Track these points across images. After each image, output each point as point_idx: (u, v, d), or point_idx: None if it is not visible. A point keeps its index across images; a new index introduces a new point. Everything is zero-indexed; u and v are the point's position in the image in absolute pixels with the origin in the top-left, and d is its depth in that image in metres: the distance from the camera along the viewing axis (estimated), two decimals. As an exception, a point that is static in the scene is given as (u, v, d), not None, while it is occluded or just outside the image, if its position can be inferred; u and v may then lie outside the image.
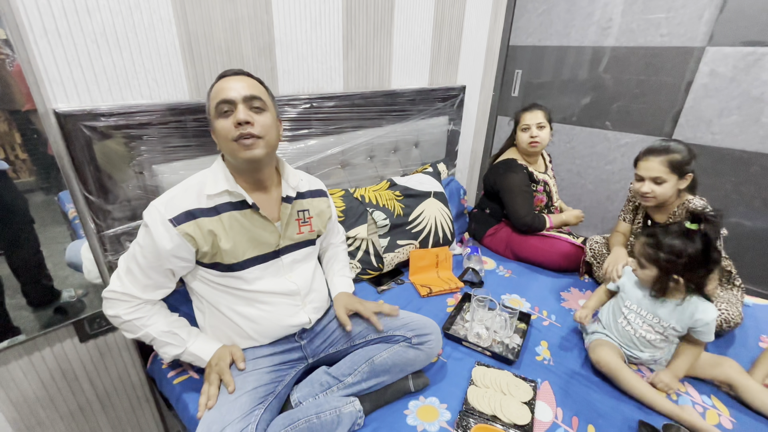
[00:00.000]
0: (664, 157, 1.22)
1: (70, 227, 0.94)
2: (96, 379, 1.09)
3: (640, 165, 1.27)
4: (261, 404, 0.84)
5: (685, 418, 0.91)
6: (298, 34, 1.26)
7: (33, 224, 0.88)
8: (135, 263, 0.86)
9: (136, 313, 0.88)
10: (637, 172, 1.28)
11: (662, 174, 1.22)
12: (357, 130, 1.56)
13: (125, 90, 0.94)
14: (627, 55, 1.94)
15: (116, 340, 1.10)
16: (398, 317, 1.07)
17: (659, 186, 1.24)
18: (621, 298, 1.14)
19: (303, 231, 1.02)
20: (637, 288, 1.11)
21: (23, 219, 0.86)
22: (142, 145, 0.96)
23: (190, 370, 1.04)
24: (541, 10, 2.16)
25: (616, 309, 1.14)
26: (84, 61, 0.86)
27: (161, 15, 0.95)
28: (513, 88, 2.41)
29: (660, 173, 1.22)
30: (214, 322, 0.96)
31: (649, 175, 1.24)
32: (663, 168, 1.22)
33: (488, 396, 0.99)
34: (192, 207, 0.84)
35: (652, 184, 1.25)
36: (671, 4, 1.77)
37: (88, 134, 0.87)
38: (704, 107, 1.78)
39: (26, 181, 0.84)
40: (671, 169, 1.21)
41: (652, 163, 1.23)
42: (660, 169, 1.22)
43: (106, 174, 0.92)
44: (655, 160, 1.23)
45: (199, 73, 1.06)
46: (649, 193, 1.25)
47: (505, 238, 1.77)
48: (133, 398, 1.19)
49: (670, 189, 1.24)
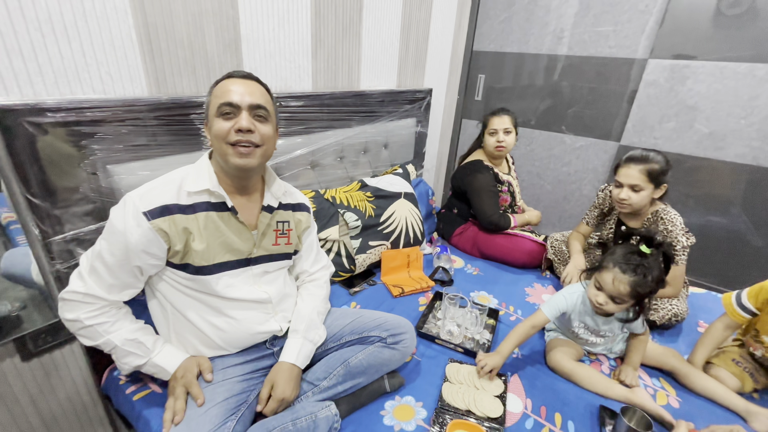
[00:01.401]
0: (644, 166, 1.26)
1: (3, 234, 0.85)
2: (41, 402, 0.99)
3: (620, 172, 1.31)
4: (233, 416, 0.81)
5: (637, 401, 0.99)
6: (265, 30, 1.22)
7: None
8: (100, 261, 0.79)
9: (99, 317, 0.82)
10: (617, 178, 1.32)
11: (640, 182, 1.26)
12: (326, 130, 1.54)
13: (74, 83, 0.86)
14: (580, 63, 2.08)
15: (64, 356, 1.00)
16: (372, 318, 1.06)
17: (636, 194, 1.28)
18: (567, 321, 1.16)
19: (279, 243, 0.98)
20: (585, 313, 1.12)
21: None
22: (95, 143, 0.88)
23: (151, 384, 0.97)
24: (503, 18, 2.26)
25: (565, 324, 1.19)
26: (26, 51, 0.78)
27: (115, 3, 0.88)
28: (476, 92, 2.49)
29: (639, 181, 1.26)
30: (179, 329, 0.90)
31: (629, 182, 1.28)
32: (642, 176, 1.26)
33: (462, 392, 1.02)
34: (170, 202, 0.80)
35: (629, 191, 1.28)
36: (618, 18, 1.92)
37: (32, 131, 0.79)
38: (647, 114, 1.95)
39: None
40: (649, 179, 1.26)
41: (632, 171, 1.27)
42: (639, 177, 1.26)
43: (53, 175, 0.84)
44: (635, 168, 1.27)
45: (159, 68, 1.00)
46: (626, 199, 1.29)
47: (472, 237, 1.82)
48: (85, 420, 1.09)
49: (646, 197, 1.28)
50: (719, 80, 1.74)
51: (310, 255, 1.11)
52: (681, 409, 1.03)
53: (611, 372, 1.14)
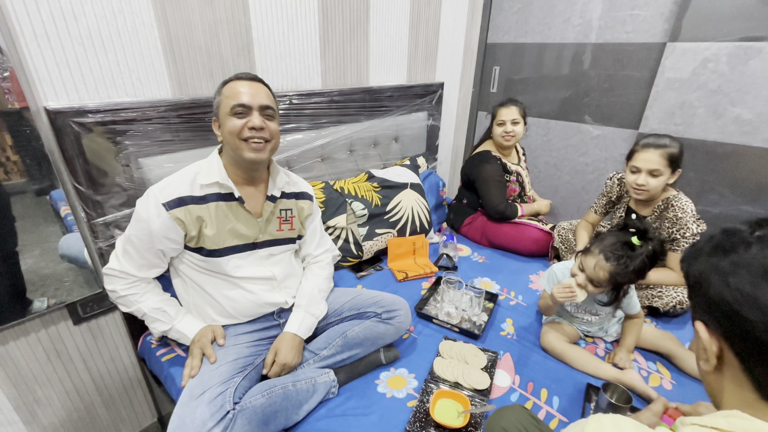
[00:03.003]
0: (664, 150, 1.23)
1: (63, 225, 1.02)
2: (89, 360, 1.17)
3: (638, 156, 1.27)
4: (240, 373, 0.93)
5: (626, 381, 1.00)
6: (275, 35, 1.34)
7: (14, 222, 0.92)
8: (130, 244, 0.95)
9: (131, 289, 0.98)
10: (634, 163, 1.28)
11: (660, 167, 1.23)
12: (336, 125, 1.64)
13: (111, 89, 1.01)
14: (595, 51, 2.04)
15: (107, 323, 1.17)
16: (370, 296, 1.15)
17: (655, 179, 1.24)
18: None
19: (283, 229, 1.09)
20: None
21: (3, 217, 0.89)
22: (127, 139, 1.04)
23: (177, 348, 1.12)
24: (516, 9, 2.26)
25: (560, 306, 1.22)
26: (72, 63, 0.94)
27: (143, 19, 1.02)
28: (492, 85, 2.50)
29: (659, 165, 1.23)
30: (197, 301, 1.04)
31: (648, 167, 1.24)
32: (662, 160, 1.23)
33: (452, 366, 1.08)
34: (184, 194, 0.93)
35: (648, 176, 1.25)
36: (635, 3, 1.87)
37: (77, 129, 0.94)
38: (667, 100, 1.88)
39: (17, 183, 0.90)
40: (669, 163, 1.23)
41: (651, 155, 1.24)
42: (659, 162, 1.23)
43: (95, 166, 1.00)
44: (654, 152, 1.23)
45: (181, 72, 1.14)
46: (644, 185, 1.25)
47: (480, 227, 1.86)
48: (125, 378, 1.26)
49: (663, 182, 1.25)
50: (743, 62, 1.65)
51: (314, 239, 1.21)
52: (674, 391, 1.03)
53: (606, 354, 1.16)
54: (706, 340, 0.45)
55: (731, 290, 0.42)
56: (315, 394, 0.98)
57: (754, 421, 0.40)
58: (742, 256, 0.42)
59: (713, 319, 0.45)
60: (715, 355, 0.45)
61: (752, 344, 0.41)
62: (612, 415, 0.47)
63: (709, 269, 0.45)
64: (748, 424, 0.40)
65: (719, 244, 0.46)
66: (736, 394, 0.44)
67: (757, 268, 0.40)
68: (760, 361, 0.41)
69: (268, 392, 0.90)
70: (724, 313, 0.43)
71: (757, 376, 0.42)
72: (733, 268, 0.42)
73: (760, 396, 0.42)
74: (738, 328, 0.42)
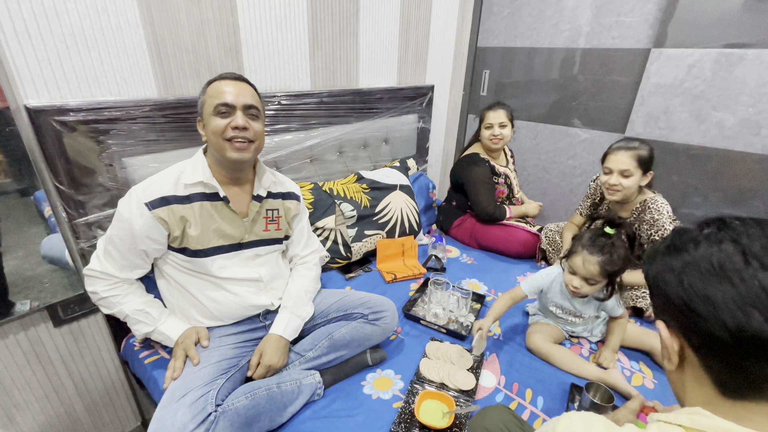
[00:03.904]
0: (633, 152, 1.29)
1: (47, 226, 1.00)
2: (71, 363, 1.15)
3: (610, 158, 1.34)
4: (224, 375, 0.92)
5: (609, 380, 1.02)
6: (263, 35, 1.34)
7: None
8: (112, 244, 0.93)
9: (113, 290, 0.96)
10: (606, 165, 1.35)
11: (630, 167, 1.29)
12: (326, 126, 1.64)
13: (94, 87, 1.00)
14: (584, 56, 2.07)
15: (89, 325, 1.15)
16: (357, 297, 1.15)
17: (626, 179, 1.30)
18: (546, 299, 1.22)
19: (269, 229, 1.09)
20: (560, 296, 1.17)
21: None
22: (111, 138, 1.02)
23: (161, 350, 1.10)
24: (506, 13, 2.28)
25: (545, 309, 1.24)
26: (54, 61, 0.93)
27: (128, 18, 1.01)
28: (482, 88, 2.52)
29: (628, 166, 1.29)
30: (181, 303, 1.03)
31: (618, 168, 1.30)
32: (631, 161, 1.29)
33: (438, 366, 1.08)
34: (168, 194, 0.92)
35: (620, 177, 1.31)
36: (621, 9, 1.90)
37: (58, 128, 0.93)
38: (652, 104, 1.92)
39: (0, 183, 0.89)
40: (638, 164, 1.29)
41: (621, 156, 1.30)
42: (628, 162, 1.29)
43: (77, 166, 0.98)
44: (624, 154, 1.30)
45: (167, 72, 1.13)
46: (617, 185, 1.31)
47: (469, 228, 1.87)
48: (108, 381, 1.24)
49: (635, 183, 1.31)
50: (725, 68, 1.69)
51: (301, 240, 1.21)
52: (655, 389, 1.05)
53: (591, 355, 1.17)
54: (667, 338, 0.47)
55: (684, 288, 0.43)
56: (300, 395, 0.97)
57: (714, 419, 0.41)
58: (692, 255, 0.44)
59: (672, 317, 0.46)
60: (676, 353, 0.46)
61: (707, 339, 0.42)
62: (583, 413, 0.47)
63: (664, 269, 0.46)
64: (709, 421, 0.41)
65: (672, 244, 0.47)
66: (697, 391, 0.45)
67: (706, 266, 0.42)
68: (716, 356, 0.42)
69: (252, 394, 0.90)
70: (680, 310, 0.44)
71: (716, 372, 0.43)
72: (684, 267, 0.44)
73: (719, 392, 0.43)
74: (693, 325, 0.43)
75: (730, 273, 0.40)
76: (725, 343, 0.40)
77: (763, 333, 0.38)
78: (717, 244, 0.42)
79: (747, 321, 0.38)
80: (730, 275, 0.40)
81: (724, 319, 0.40)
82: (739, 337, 0.39)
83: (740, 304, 0.39)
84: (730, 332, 0.39)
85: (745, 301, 0.39)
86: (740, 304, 0.39)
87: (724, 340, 0.40)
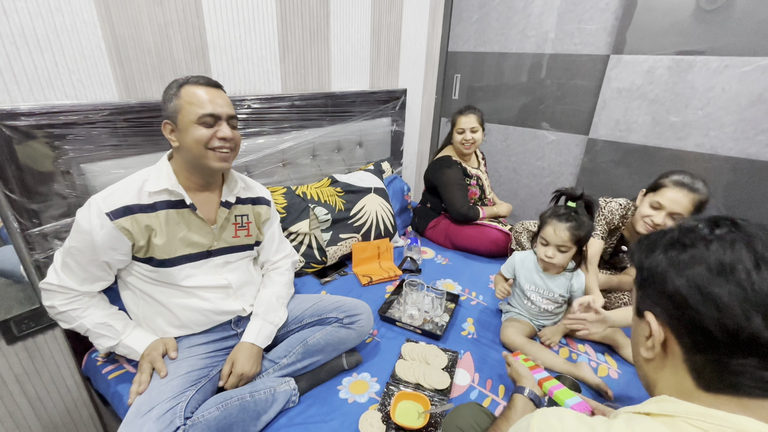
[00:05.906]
0: (695, 196, 1.15)
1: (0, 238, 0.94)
2: (26, 383, 1.08)
3: (666, 194, 1.17)
4: (193, 386, 0.89)
5: (577, 373, 1.06)
6: (231, 38, 1.32)
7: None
8: (70, 257, 0.88)
9: (72, 304, 0.91)
10: (658, 199, 1.19)
11: (685, 213, 1.15)
12: (298, 129, 1.62)
13: (48, 90, 0.95)
14: (550, 61, 2.16)
15: (47, 341, 1.09)
16: (331, 301, 1.15)
17: (673, 221, 1.12)
18: (519, 285, 1.27)
19: (239, 235, 1.06)
20: (533, 273, 1.24)
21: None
22: (67, 144, 0.97)
23: (126, 364, 1.06)
24: (475, 19, 2.35)
25: (520, 293, 1.29)
26: (2, 62, 0.87)
27: (84, 18, 0.97)
28: (453, 92, 2.57)
29: (683, 211, 1.15)
30: (147, 314, 0.99)
31: (673, 210, 1.16)
32: (689, 206, 1.14)
33: (413, 367, 1.09)
34: (131, 203, 0.88)
35: (668, 218, 1.17)
36: (582, 17, 2.00)
37: (8, 134, 0.88)
38: (613, 108, 2.02)
39: None
40: (694, 209, 1.15)
41: (682, 198, 1.15)
42: (686, 207, 1.14)
43: (29, 173, 0.93)
44: (686, 196, 1.14)
45: (128, 75, 1.09)
46: (661, 225, 1.18)
47: (444, 230, 1.90)
48: (68, 399, 1.17)
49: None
50: (677, 74, 1.81)
51: (272, 245, 1.19)
52: (620, 379, 1.10)
53: (560, 348, 1.22)
54: (656, 329, 0.47)
55: (687, 283, 0.43)
56: (275, 403, 0.96)
57: (681, 404, 0.42)
58: (702, 252, 0.44)
59: (663, 309, 0.46)
60: (660, 343, 0.47)
61: (699, 335, 0.43)
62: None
63: (666, 262, 0.46)
64: (677, 406, 0.43)
65: (678, 239, 0.47)
66: (672, 381, 0.46)
67: (715, 265, 0.42)
68: (703, 352, 0.43)
69: (224, 404, 0.87)
70: (676, 304, 0.44)
71: (697, 366, 0.44)
72: (691, 264, 0.44)
73: (696, 384, 0.44)
74: (687, 320, 0.43)
75: (740, 275, 0.40)
76: (717, 340, 0.41)
77: (760, 336, 0.39)
78: (730, 246, 0.42)
79: (747, 323, 0.39)
80: (740, 277, 0.40)
81: (724, 318, 0.40)
82: (734, 337, 0.40)
83: (745, 306, 0.40)
84: (727, 332, 0.40)
85: (751, 305, 0.39)
86: (745, 307, 0.40)
87: (717, 338, 0.41)
